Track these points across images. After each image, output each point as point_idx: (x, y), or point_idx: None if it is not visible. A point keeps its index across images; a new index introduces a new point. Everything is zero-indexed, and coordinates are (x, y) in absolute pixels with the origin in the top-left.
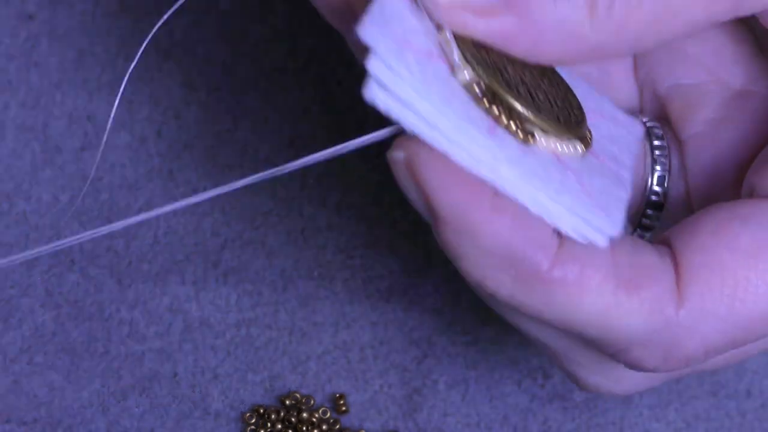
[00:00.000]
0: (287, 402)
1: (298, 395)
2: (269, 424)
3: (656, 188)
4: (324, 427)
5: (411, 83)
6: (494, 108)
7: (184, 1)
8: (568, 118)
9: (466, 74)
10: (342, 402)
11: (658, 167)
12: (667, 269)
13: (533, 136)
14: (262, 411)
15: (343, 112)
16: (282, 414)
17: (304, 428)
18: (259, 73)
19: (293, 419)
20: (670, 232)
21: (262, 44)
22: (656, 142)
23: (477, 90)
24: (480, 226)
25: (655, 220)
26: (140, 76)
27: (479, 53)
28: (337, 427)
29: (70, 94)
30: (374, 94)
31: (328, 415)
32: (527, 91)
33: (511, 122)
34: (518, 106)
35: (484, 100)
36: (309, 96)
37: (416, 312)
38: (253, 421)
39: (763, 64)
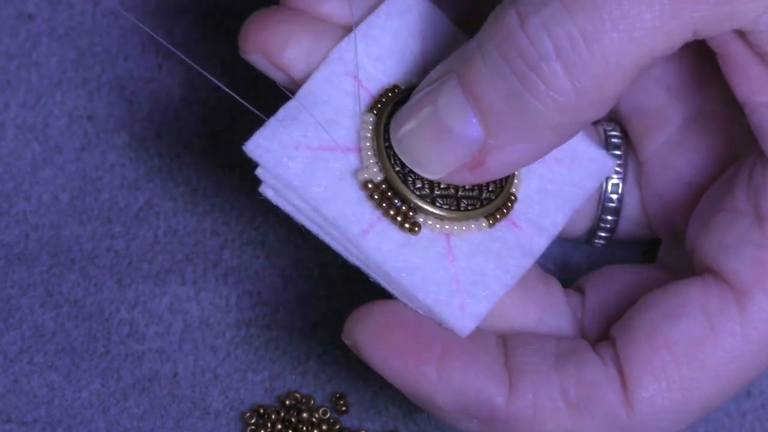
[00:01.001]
0: (287, 402)
1: (298, 395)
2: (269, 424)
3: (611, 195)
4: (324, 427)
5: (292, 187)
6: (383, 204)
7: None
8: (476, 199)
9: (366, 175)
10: (342, 402)
11: (613, 177)
12: (612, 380)
13: (417, 226)
14: (262, 411)
15: None
16: (282, 414)
17: (304, 428)
18: (259, 73)
19: (293, 419)
20: (615, 330)
21: None
22: (614, 152)
23: (370, 186)
24: (433, 395)
25: (612, 225)
26: (140, 76)
27: (389, 149)
28: (337, 427)
29: (70, 94)
30: (266, 193)
31: (328, 415)
32: (428, 180)
33: (398, 216)
34: (410, 197)
35: (374, 196)
36: None
37: None
38: (253, 421)
39: (720, 86)
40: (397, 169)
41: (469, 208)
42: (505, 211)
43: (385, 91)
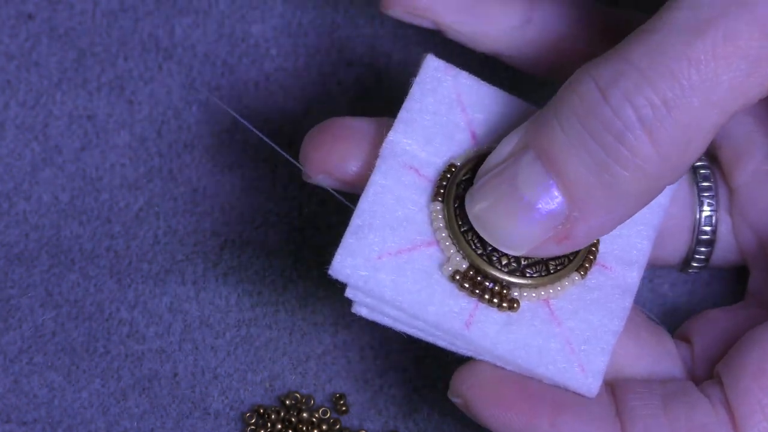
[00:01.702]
0: (287, 402)
1: (298, 395)
2: (269, 424)
3: (705, 228)
4: (324, 427)
5: (386, 300)
6: (476, 291)
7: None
8: (563, 257)
9: (450, 268)
10: (342, 402)
11: (706, 207)
12: (722, 422)
13: (516, 303)
14: (262, 411)
15: (342, 111)
16: (282, 414)
17: (304, 428)
18: (259, 73)
19: (293, 419)
20: (720, 368)
21: (262, 44)
22: (703, 183)
23: (459, 278)
24: None
25: (707, 255)
26: (140, 76)
27: (466, 233)
28: (337, 427)
29: (70, 94)
30: (360, 312)
31: (328, 415)
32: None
33: (494, 298)
34: (500, 276)
35: (466, 285)
36: (309, 96)
37: None
38: (253, 421)
39: None
40: (480, 252)
41: (559, 268)
42: (591, 257)
43: (443, 174)
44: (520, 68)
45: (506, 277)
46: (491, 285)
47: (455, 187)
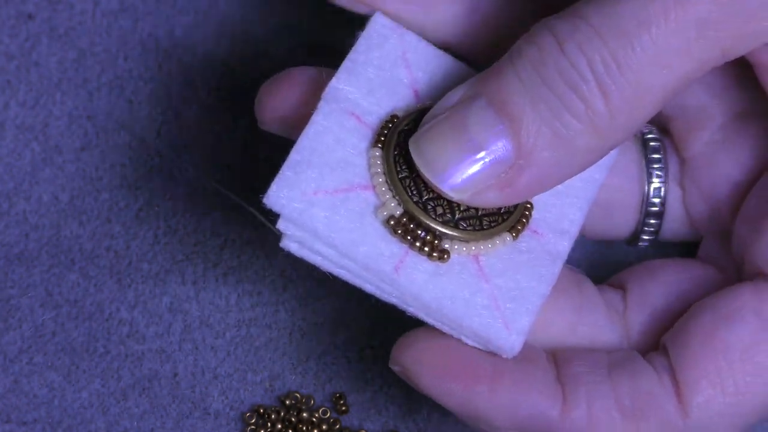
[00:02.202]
0: (287, 402)
1: (298, 395)
2: (269, 424)
3: (653, 200)
4: (324, 427)
5: (318, 235)
6: (408, 237)
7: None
8: (497, 215)
9: (385, 212)
10: (342, 402)
11: (655, 180)
12: (667, 390)
13: (446, 254)
14: (262, 411)
15: None
16: (282, 414)
17: (304, 428)
18: (259, 73)
19: (293, 419)
20: (666, 339)
21: (262, 44)
22: (653, 155)
23: (393, 222)
24: (488, 414)
25: (656, 228)
26: (140, 76)
27: (404, 180)
28: (337, 427)
29: (70, 94)
30: (289, 247)
31: (328, 415)
32: (448, 205)
33: (425, 246)
34: (433, 225)
35: (399, 230)
36: None
37: None
38: (253, 421)
39: (761, 89)
40: (416, 199)
41: (492, 225)
42: (524, 221)
43: (385, 123)
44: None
45: (439, 228)
46: (423, 234)
47: (396, 136)
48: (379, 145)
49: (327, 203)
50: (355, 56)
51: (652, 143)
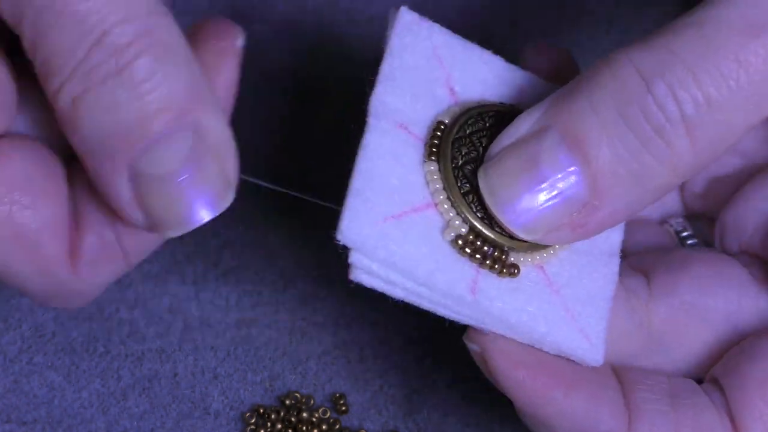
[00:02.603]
0: (287, 402)
1: (298, 395)
2: (269, 424)
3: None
4: (324, 427)
5: (396, 267)
6: (477, 255)
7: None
8: None
9: (452, 233)
10: (342, 402)
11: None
12: (726, 428)
13: (516, 268)
14: (262, 411)
15: (342, 111)
16: (282, 414)
17: (304, 428)
18: (259, 74)
19: (293, 419)
20: (718, 373)
21: (262, 44)
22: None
23: (461, 242)
24: (554, 420)
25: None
26: None
27: (466, 195)
28: (337, 427)
29: None
30: (360, 278)
31: (328, 415)
32: None
33: (495, 264)
34: (499, 240)
35: (467, 249)
36: (309, 96)
37: (416, 312)
38: (253, 421)
39: None
40: (480, 215)
41: None
42: None
43: (433, 132)
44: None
45: (506, 242)
46: (491, 251)
47: (450, 146)
48: (433, 158)
49: (397, 231)
50: (392, 60)
51: (683, 234)
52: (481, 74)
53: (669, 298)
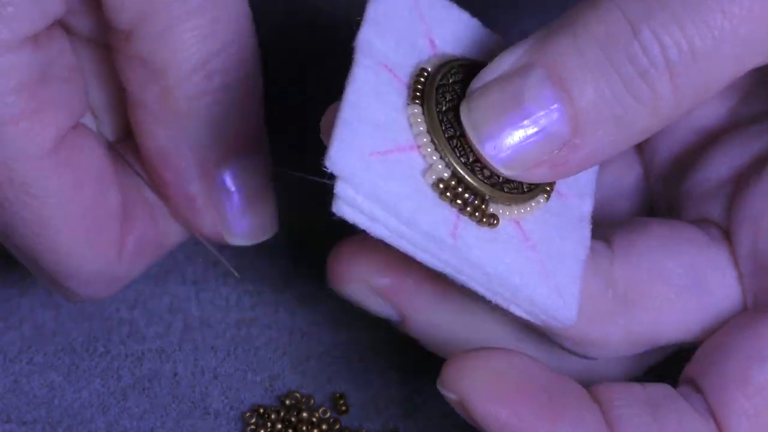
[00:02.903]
0: (287, 402)
1: (298, 395)
2: (269, 424)
3: None
4: (324, 427)
5: (380, 201)
6: (458, 201)
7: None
8: None
9: (434, 176)
10: (342, 402)
11: None
12: (712, 430)
13: (495, 219)
14: (262, 411)
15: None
16: (282, 414)
17: (304, 428)
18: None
19: (293, 419)
20: (696, 374)
21: (262, 44)
22: None
23: (442, 186)
24: None
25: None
26: None
27: (451, 140)
28: (337, 427)
29: None
30: (342, 211)
31: (328, 415)
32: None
33: (475, 212)
34: (481, 188)
35: (448, 194)
36: (309, 96)
37: None
38: (253, 421)
39: None
40: (464, 160)
41: (532, 188)
42: (553, 182)
43: (416, 77)
44: None
45: (488, 191)
46: (472, 198)
47: (435, 91)
48: (417, 102)
49: (382, 166)
50: (376, 6)
51: None
52: (459, 33)
53: (630, 257)
